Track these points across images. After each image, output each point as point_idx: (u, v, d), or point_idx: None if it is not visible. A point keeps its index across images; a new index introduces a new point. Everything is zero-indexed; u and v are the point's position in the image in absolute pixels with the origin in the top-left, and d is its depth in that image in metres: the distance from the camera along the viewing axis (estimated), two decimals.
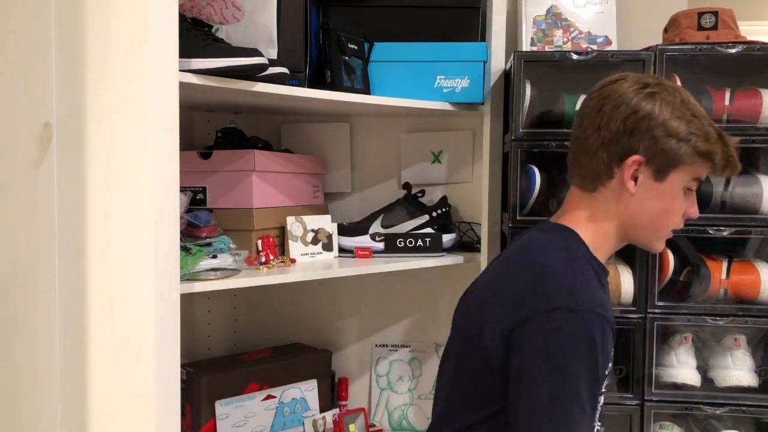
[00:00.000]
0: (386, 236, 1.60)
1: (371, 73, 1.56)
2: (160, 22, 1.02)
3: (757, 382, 1.49)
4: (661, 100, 1.02)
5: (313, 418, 1.60)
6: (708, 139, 1.02)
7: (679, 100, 1.03)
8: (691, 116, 1.03)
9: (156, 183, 1.03)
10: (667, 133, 1.01)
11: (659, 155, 1.01)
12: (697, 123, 1.03)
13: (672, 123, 1.01)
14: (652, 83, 1.05)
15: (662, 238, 1.09)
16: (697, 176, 1.05)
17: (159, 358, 1.05)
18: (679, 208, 1.06)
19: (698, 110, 1.04)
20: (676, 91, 1.05)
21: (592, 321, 0.92)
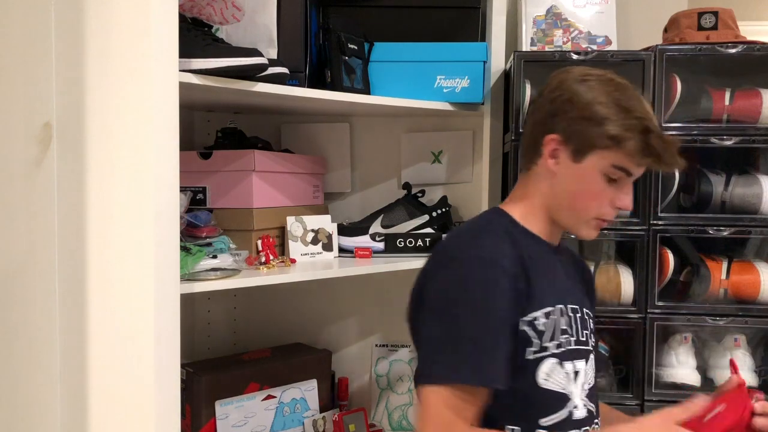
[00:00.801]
0: (386, 236, 1.60)
1: (371, 73, 1.56)
2: (160, 22, 1.02)
3: (757, 382, 1.49)
4: (589, 86, 1.05)
5: (313, 418, 1.60)
6: (624, 127, 1.02)
7: (612, 89, 1.04)
8: (615, 104, 1.02)
9: (156, 183, 1.03)
10: (584, 115, 1.03)
11: (574, 136, 1.04)
12: (619, 111, 1.02)
13: (592, 107, 1.03)
14: (594, 74, 1.07)
15: (587, 224, 1.08)
16: (618, 164, 1.02)
17: (159, 358, 1.05)
18: (598, 194, 1.05)
19: (631, 102, 1.03)
20: (612, 81, 1.05)
21: (474, 265, 1.00)
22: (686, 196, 1.57)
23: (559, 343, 1.04)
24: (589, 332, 1.11)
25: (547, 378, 1.02)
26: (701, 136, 1.47)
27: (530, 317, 1.02)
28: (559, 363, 1.04)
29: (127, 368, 1.09)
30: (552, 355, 1.03)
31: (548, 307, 1.04)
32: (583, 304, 1.12)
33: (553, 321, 1.04)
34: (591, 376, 1.09)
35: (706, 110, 1.51)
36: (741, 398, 0.97)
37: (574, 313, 1.08)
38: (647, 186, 1.48)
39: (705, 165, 1.56)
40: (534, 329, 1.01)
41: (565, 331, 1.05)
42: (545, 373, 1.02)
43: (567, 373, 1.04)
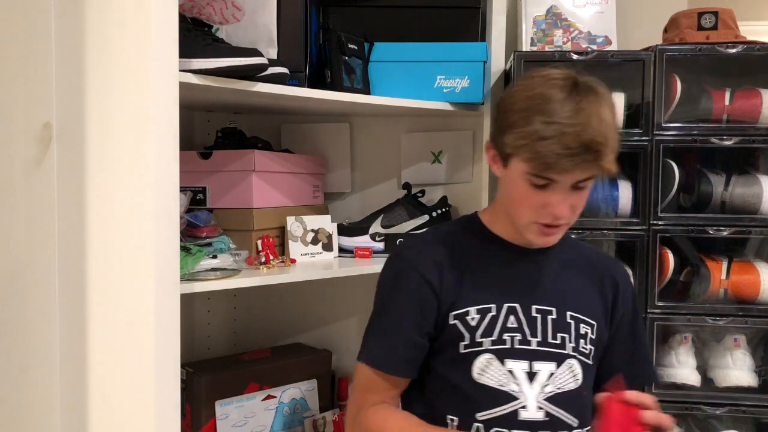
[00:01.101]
0: (386, 236, 1.60)
1: (371, 73, 1.56)
2: (160, 22, 1.02)
3: (756, 382, 1.49)
4: (516, 91, 1.05)
5: (313, 418, 1.60)
6: (519, 135, 1.00)
7: (536, 93, 1.01)
8: (525, 111, 1.00)
9: (156, 183, 1.03)
10: (500, 122, 1.06)
11: (496, 142, 1.07)
12: (523, 118, 1.00)
13: (506, 114, 1.04)
14: (543, 77, 1.04)
15: (528, 229, 1.07)
16: (530, 171, 1.01)
17: (159, 358, 1.05)
18: (526, 199, 1.03)
19: (549, 107, 0.98)
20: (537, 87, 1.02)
21: (395, 261, 1.17)
22: (686, 196, 1.57)
23: (496, 339, 1.06)
24: (570, 336, 1.08)
25: (481, 373, 1.05)
26: (701, 136, 1.47)
27: (460, 312, 1.08)
28: (496, 359, 1.05)
29: (127, 368, 1.09)
30: (487, 351, 1.06)
31: (486, 304, 1.08)
32: (567, 307, 1.10)
33: (491, 318, 1.07)
34: (566, 380, 1.07)
35: (706, 110, 1.51)
36: (613, 409, 0.97)
37: (541, 314, 1.08)
38: (647, 186, 1.48)
39: (705, 165, 1.56)
40: (465, 324, 1.07)
41: (513, 329, 1.06)
42: (479, 368, 1.06)
43: (510, 370, 1.05)
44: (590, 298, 1.14)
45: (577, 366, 1.08)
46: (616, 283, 1.17)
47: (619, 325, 1.16)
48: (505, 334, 1.07)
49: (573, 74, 1.04)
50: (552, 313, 1.09)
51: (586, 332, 1.10)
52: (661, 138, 1.47)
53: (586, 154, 0.96)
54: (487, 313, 1.08)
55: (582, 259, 1.18)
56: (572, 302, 1.11)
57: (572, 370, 1.08)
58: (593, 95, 1.01)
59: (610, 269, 1.18)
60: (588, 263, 1.18)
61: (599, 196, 1.54)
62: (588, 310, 1.12)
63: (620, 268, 1.22)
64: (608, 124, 1.00)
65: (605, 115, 1.00)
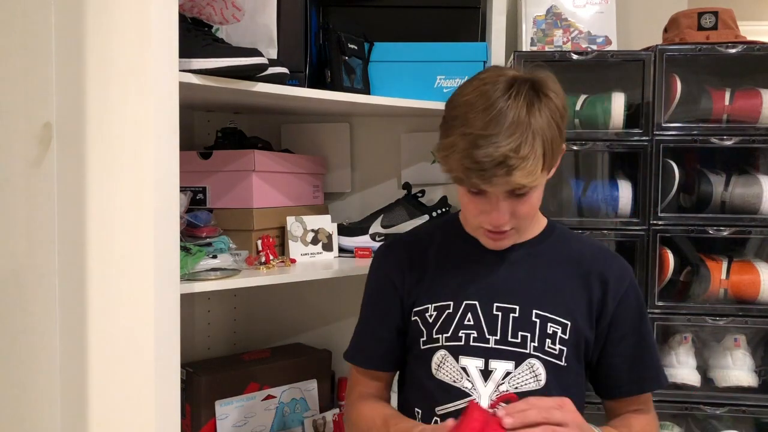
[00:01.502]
0: (386, 236, 1.60)
1: (371, 73, 1.56)
2: (160, 22, 1.02)
3: (757, 382, 1.49)
4: (454, 96, 1.03)
5: (313, 418, 1.60)
6: (442, 147, 0.99)
7: (465, 100, 0.98)
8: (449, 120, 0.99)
9: (156, 183, 1.03)
10: (440, 126, 1.03)
11: None
12: (445, 129, 1.00)
13: (444, 120, 1.02)
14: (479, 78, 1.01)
15: (476, 233, 1.07)
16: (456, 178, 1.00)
17: (159, 358, 1.05)
18: (467, 205, 1.04)
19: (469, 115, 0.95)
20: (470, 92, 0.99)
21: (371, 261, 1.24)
22: (686, 196, 1.57)
23: (450, 336, 1.06)
24: (534, 335, 1.05)
25: (437, 369, 1.07)
26: (701, 136, 1.47)
27: (421, 308, 1.11)
28: (450, 356, 1.06)
29: (127, 368, 1.09)
30: (443, 347, 1.07)
31: (444, 302, 1.09)
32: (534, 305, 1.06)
33: (447, 315, 1.08)
34: (525, 380, 1.04)
35: (706, 110, 1.51)
36: (471, 417, 0.90)
37: (503, 312, 1.06)
38: (647, 186, 1.48)
39: (705, 165, 1.56)
40: (424, 321, 1.10)
41: (469, 326, 1.06)
42: (436, 364, 1.07)
43: (464, 367, 1.05)
44: (569, 296, 1.09)
45: (540, 366, 1.04)
46: (605, 279, 1.10)
47: (615, 325, 1.10)
48: (461, 331, 1.06)
49: (518, 75, 0.99)
50: (514, 312, 1.06)
51: (555, 332, 1.06)
52: (661, 138, 1.47)
53: (496, 169, 0.93)
54: (445, 310, 1.09)
55: (568, 255, 1.13)
56: (542, 300, 1.07)
57: (533, 370, 1.04)
58: (531, 100, 0.96)
59: (600, 265, 1.12)
60: (575, 259, 1.12)
61: (599, 196, 1.54)
62: (562, 309, 1.07)
63: (614, 264, 1.13)
64: (536, 132, 0.94)
65: (537, 123, 0.94)
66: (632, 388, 1.12)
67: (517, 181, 0.94)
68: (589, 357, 1.11)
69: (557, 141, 0.99)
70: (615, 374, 1.11)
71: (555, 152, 1.00)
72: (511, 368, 1.04)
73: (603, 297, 1.10)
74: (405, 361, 1.17)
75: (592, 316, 1.09)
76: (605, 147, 1.51)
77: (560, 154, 1.04)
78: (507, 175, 0.93)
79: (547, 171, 1.01)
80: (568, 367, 1.06)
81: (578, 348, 1.08)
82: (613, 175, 1.57)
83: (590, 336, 1.09)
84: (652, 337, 1.15)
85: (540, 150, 0.95)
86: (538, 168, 0.95)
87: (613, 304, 1.10)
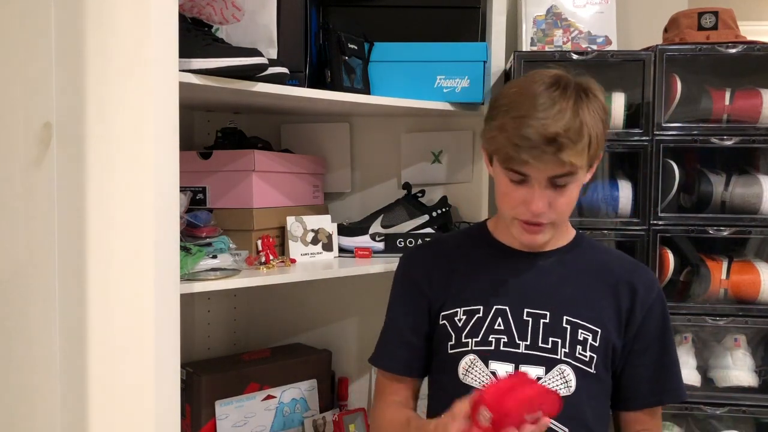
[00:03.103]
0: (386, 236, 1.60)
1: (371, 73, 1.56)
2: (160, 22, 1.02)
3: (757, 382, 1.49)
4: (504, 89, 1.08)
5: (313, 419, 1.60)
6: (488, 128, 1.04)
7: (517, 90, 1.03)
8: (497, 106, 1.04)
9: (156, 183, 1.03)
10: (486, 119, 1.08)
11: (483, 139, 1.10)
12: (493, 112, 1.05)
13: (491, 111, 1.07)
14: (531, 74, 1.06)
15: (512, 225, 1.09)
16: (502, 165, 1.03)
17: (159, 358, 1.05)
18: (507, 195, 1.05)
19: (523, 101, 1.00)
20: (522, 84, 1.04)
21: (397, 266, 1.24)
22: (686, 196, 1.57)
23: (480, 341, 1.05)
24: (564, 341, 1.06)
25: (465, 374, 1.06)
26: (701, 136, 1.47)
27: (450, 312, 1.10)
28: (480, 360, 1.05)
29: (127, 368, 1.09)
30: (472, 351, 1.06)
31: (474, 306, 1.08)
32: (564, 311, 1.07)
33: (477, 319, 1.07)
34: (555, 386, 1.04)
35: (706, 110, 1.51)
36: None
37: (533, 318, 1.07)
38: (647, 186, 1.48)
39: (705, 165, 1.56)
40: (453, 325, 1.09)
41: (500, 331, 1.06)
42: (464, 368, 1.06)
43: (493, 372, 1.04)
44: (598, 304, 1.10)
45: (570, 372, 1.05)
46: (634, 289, 1.12)
47: (641, 335, 1.10)
48: (491, 335, 1.06)
49: (564, 74, 1.04)
50: (545, 317, 1.07)
51: (586, 338, 1.07)
52: (661, 138, 1.47)
53: (546, 146, 0.96)
54: (475, 314, 1.08)
55: (597, 264, 1.15)
56: (572, 307, 1.08)
57: (563, 376, 1.05)
58: (579, 95, 1.00)
59: (628, 275, 1.14)
60: (604, 268, 1.14)
61: (599, 196, 1.54)
62: (592, 317, 1.08)
63: (642, 275, 1.15)
64: (584, 122, 0.98)
65: (584, 116, 0.99)
66: (651, 400, 1.12)
67: (565, 158, 0.97)
68: (615, 366, 1.11)
69: (601, 138, 1.04)
70: (635, 385, 1.10)
71: (598, 147, 1.03)
72: (542, 374, 1.04)
73: (632, 306, 1.11)
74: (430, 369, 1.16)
75: (621, 325, 1.10)
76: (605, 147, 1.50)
77: (601, 153, 1.07)
78: (557, 152, 0.97)
79: (589, 165, 1.04)
80: (596, 375, 1.07)
81: (607, 356, 1.08)
82: (613, 175, 1.57)
83: (618, 344, 1.09)
84: (675, 349, 1.15)
85: (586, 138, 0.99)
86: (585, 152, 0.99)
87: (641, 314, 1.11)
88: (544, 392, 0.89)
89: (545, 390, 0.90)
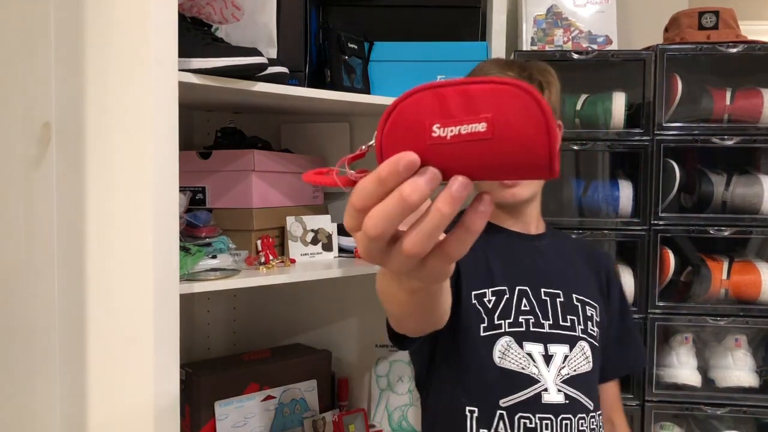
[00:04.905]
0: None
1: (371, 73, 1.56)
2: (159, 22, 1.02)
3: (758, 382, 1.49)
4: None
5: (312, 419, 1.59)
6: None
7: None
8: None
9: (155, 183, 1.03)
10: None
11: None
12: None
13: None
14: None
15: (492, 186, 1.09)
16: None
17: (158, 358, 1.05)
18: None
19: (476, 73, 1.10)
20: None
21: None
22: (687, 196, 1.57)
23: (513, 322, 1.05)
24: (579, 318, 1.09)
25: (502, 357, 1.03)
26: (702, 135, 1.46)
27: (479, 292, 1.06)
28: (515, 342, 1.04)
29: (127, 369, 1.09)
30: (506, 333, 1.04)
31: (500, 287, 1.07)
32: (573, 290, 1.10)
33: (506, 300, 1.06)
34: (580, 363, 1.06)
35: (707, 110, 1.51)
36: None
37: (550, 297, 1.08)
38: (648, 186, 1.47)
39: (706, 165, 1.56)
40: (483, 306, 1.06)
41: (527, 312, 1.06)
42: (500, 351, 1.03)
43: (529, 353, 1.04)
44: (589, 282, 1.15)
45: (588, 348, 1.08)
46: (607, 269, 1.19)
47: (612, 311, 1.17)
48: (521, 316, 1.06)
49: None
50: (560, 296, 1.09)
51: (592, 314, 1.11)
52: (661, 138, 1.47)
53: None
54: (503, 295, 1.07)
55: (577, 248, 1.21)
56: (576, 286, 1.12)
57: (584, 352, 1.07)
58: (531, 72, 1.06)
59: (601, 257, 1.21)
60: (583, 251, 1.20)
61: (600, 197, 1.53)
62: (591, 294, 1.13)
63: (602, 253, 1.24)
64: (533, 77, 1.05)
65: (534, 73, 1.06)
66: (622, 369, 1.18)
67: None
68: None
69: (557, 115, 1.08)
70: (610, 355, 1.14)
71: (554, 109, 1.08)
72: (568, 351, 1.06)
73: (608, 285, 1.17)
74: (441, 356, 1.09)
75: (605, 302, 1.16)
76: (606, 147, 1.50)
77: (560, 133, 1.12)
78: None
79: None
80: (600, 349, 1.11)
81: (603, 331, 1.13)
82: (614, 175, 1.57)
83: (606, 320, 1.15)
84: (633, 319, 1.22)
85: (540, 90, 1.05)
86: None
87: (612, 287, 1.18)
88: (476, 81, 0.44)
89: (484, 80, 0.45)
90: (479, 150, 0.42)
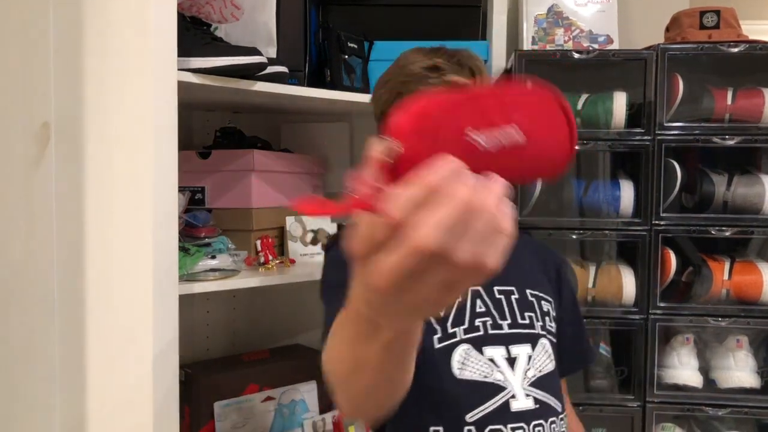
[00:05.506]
0: None
1: (371, 73, 1.55)
2: (159, 21, 1.01)
3: (759, 383, 1.49)
4: None
5: (312, 420, 1.59)
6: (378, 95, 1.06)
7: None
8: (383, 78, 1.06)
9: (155, 183, 1.03)
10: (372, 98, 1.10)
11: None
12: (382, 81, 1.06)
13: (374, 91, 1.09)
14: None
15: None
16: None
17: (158, 359, 1.04)
18: None
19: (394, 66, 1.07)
20: None
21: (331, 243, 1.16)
22: (688, 196, 1.57)
23: (469, 327, 0.98)
24: (537, 315, 1.03)
25: (462, 367, 0.96)
26: (703, 135, 1.46)
27: None
28: (474, 349, 0.97)
29: (126, 369, 1.09)
30: (462, 341, 0.97)
31: None
32: (526, 285, 1.05)
33: (458, 305, 0.99)
34: (544, 362, 1.00)
35: (708, 110, 1.50)
36: None
37: (504, 295, 1.03)
38: (649, 186, 1.47)
39: (707, 165, 1.56)
40: None
41: (483, 314, 1.00)
42: (459, 362, 0.96)
43: (491, 358, 0.97)
44: (542, 277, 1.11)
45: (549, 346, 1.02)
46: (557, 265, 1.14)
47: (565, 307, 1.12)
48: (477, 319, 0.99)
49: None
50: (514, 293, 1.03)
51: (548, 309, 1.06)
52: (663, 137, 1.46)
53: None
54: None
55: (526, 244, 1.14)
56: (530, 281, 1.07)
57: (546, 350, 1.02)
58: None
59: (551, 254, 1.17)
60: (533, 248, 1.16)
61: (601, 197, 1.53)
62: (545, 289, 1.08)
63: (557, 253, 1.20)
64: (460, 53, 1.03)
65: None
66: (576, 365, 1.17)
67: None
68: None
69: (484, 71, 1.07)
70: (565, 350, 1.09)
71: None
72: (530, 351, 1.00)
73: (558, 281, 1.13)
74: None
75: (556, 297, 1.10)
76: (607, 146, 1.50)
77: None
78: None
79: None
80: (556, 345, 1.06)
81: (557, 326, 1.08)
82: (615, 175, 1.56)
83: (559, 314, 1.09)
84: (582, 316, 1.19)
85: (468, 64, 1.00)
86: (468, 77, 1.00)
87: (562, 283, 1.14)
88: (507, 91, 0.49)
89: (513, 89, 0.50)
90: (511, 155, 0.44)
